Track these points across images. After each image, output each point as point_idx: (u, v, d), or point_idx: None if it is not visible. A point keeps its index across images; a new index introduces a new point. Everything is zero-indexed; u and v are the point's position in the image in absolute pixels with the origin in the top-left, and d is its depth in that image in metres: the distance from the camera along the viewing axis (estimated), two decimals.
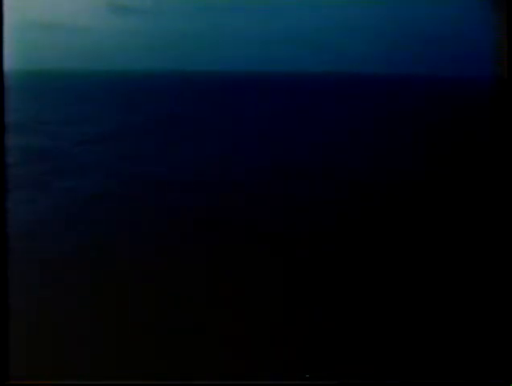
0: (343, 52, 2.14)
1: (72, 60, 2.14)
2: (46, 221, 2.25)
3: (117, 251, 2.18)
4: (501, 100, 2.10)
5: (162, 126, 2.39)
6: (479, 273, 2.12)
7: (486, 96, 2.11)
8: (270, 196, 2.14)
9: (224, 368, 2.09)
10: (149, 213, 2.13)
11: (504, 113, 2.10)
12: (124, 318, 2.11)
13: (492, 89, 2.10)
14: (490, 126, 2.11)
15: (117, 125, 2.36)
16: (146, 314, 2.14)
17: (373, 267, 2.12)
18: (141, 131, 2.34)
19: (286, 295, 2.14)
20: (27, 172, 2.20)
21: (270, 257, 2.20)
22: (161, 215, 2.12)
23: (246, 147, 2.34)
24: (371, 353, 2.13)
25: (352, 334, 2.13)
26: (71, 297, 2.14)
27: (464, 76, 2.14)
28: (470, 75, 2.12)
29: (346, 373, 2.12)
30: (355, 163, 2.22)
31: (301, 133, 2.36)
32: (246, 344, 2.10)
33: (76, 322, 2.11)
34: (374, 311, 2.12)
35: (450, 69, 2.14)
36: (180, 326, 2.12)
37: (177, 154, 2.30)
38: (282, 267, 2.19)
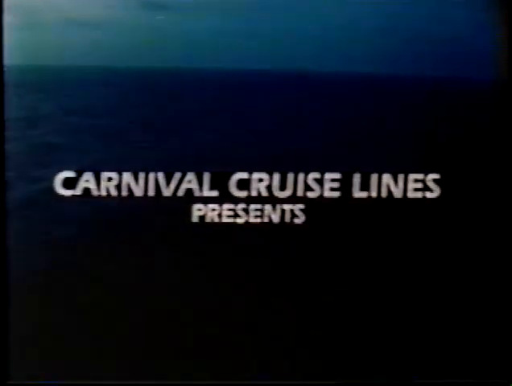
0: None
1: (107, 57, 2.11)
2: None
3: None
4: (502, 100, 2.10)
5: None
6: (479, 272, 2.12)
7: (486, 96, 2.11)
8: None
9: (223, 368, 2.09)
10: None
11: (504, 114, 2.10)
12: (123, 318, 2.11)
13: (492, 90, 2.10)
14: (491, 127, 2.11)
15: None
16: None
17: (373, 265, 2.12)
18: None
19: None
20: None
21: None
22: None
23: None
24: (371, 353, 2.13)
25: (353, 334, 2.13)
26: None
27: (463, 77, 2.14)
28: (469, 75, 2.12)
29: (346, 373, 2.12)
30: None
31: None
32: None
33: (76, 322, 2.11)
34: (375, 311, 2.12)
35: (449, 69, 2.14)
36: None
37: None
38: None
